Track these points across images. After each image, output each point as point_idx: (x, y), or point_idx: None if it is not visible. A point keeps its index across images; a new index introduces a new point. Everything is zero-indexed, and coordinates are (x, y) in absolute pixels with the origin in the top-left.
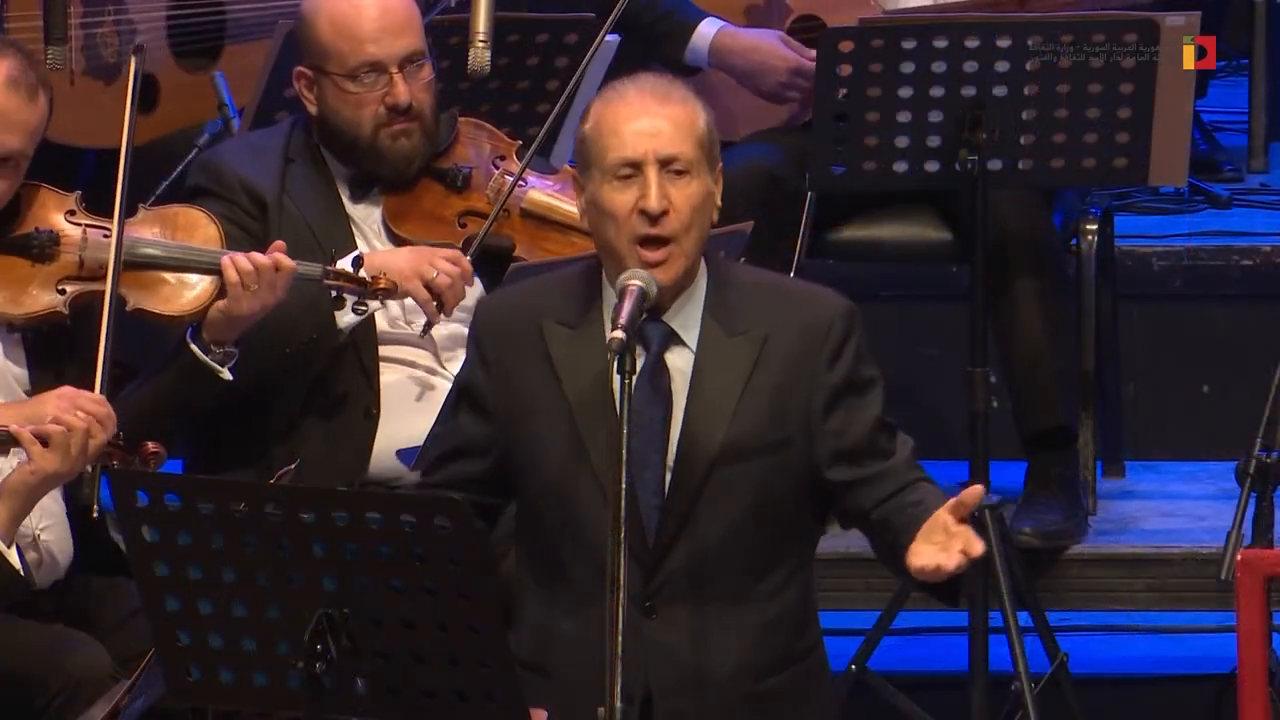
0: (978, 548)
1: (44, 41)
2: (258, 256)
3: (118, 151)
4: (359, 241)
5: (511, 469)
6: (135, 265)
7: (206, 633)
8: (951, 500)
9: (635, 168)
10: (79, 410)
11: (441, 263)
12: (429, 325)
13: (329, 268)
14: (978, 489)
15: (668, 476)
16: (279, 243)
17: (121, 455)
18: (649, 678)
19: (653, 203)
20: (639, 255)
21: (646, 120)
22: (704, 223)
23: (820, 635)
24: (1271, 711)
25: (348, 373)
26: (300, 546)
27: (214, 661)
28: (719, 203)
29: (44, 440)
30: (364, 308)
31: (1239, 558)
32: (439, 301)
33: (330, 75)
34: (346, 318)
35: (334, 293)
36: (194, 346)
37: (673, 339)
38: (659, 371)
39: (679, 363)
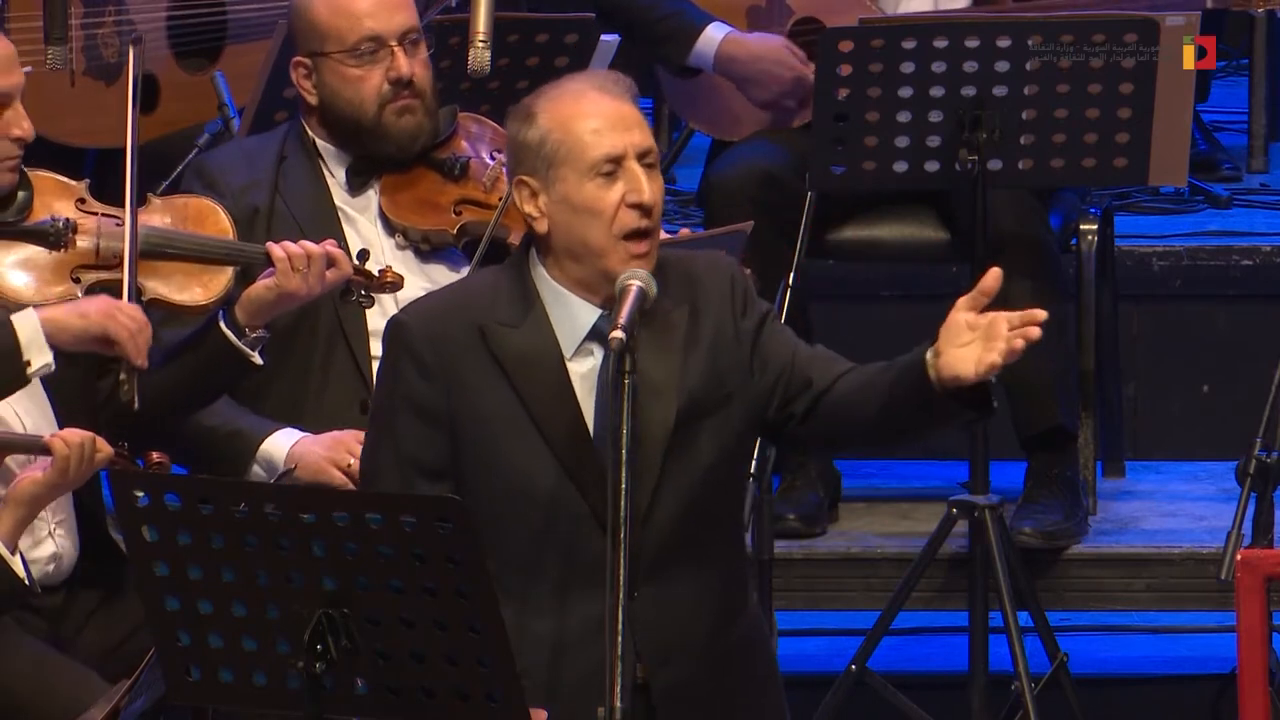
0: (1030, 333)
1: (44, 41)
2: (309, 245)
3: (118, 151)
4: (350, 235)
5: (467, 476)
6: (152, 254)
7: (206, 633)
8: (968, 295)
9: (616, 163)
10: (123, 314)
11: (359, 447)
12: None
13: None
14: (996, 272)
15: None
16: (330, 241)
17: (126, 464)
18: (640, 657)
19: (647, 195)
20: (626, 249)
21: (615, 115)
22: None
23: (749, 584)
24: (1271, 711)
25: (341, 368)
26: (300, 546)
27: (214, 661)
28: None
29: (47, 453)
30: (368, 300)
31: (1239, 558)
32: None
33: (330, 56)
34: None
35: (344, 283)
36: (228, 331)
37: None
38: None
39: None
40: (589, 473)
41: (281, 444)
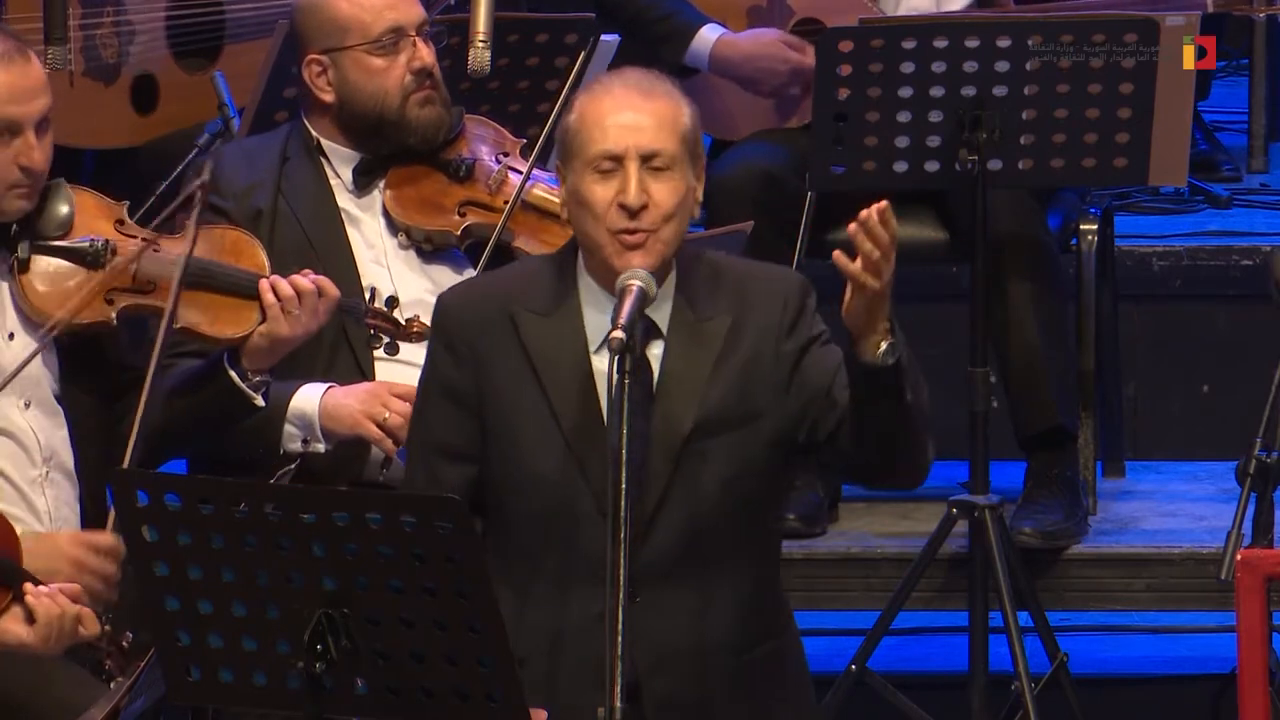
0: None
1: (44, 41)
2: (299, 280)
3: (117, 152)
4: (353, 236)
5: (489, 460)
6: (189, 284)
7: (206, 633)
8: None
9: (616, 161)
10: (89, 566)
11: (395, 402)
12: (388, 461)
13: (369, 305)
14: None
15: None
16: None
17: (118, 660)
18: (635, 662)
19: (631, 198)
20: (618, 242)
21: (630, 115)
22: (683, 218)
23: (791, 615)
24: (1271, 711)
25: (344, 373)
26: (300, 546)
27: (214, 661)
28: (699, 199)
29: (33, 616)
30: (393, 348)
31: (1239, 558)
32: (394, 439)
33: (351, 50)
34: (293, 445)
35: (371, 330)
36: (233, 373)
37: (653, 332)
38: (643, 367)
39: (654, 352)
40: (599, 469)
41: (311, 397)
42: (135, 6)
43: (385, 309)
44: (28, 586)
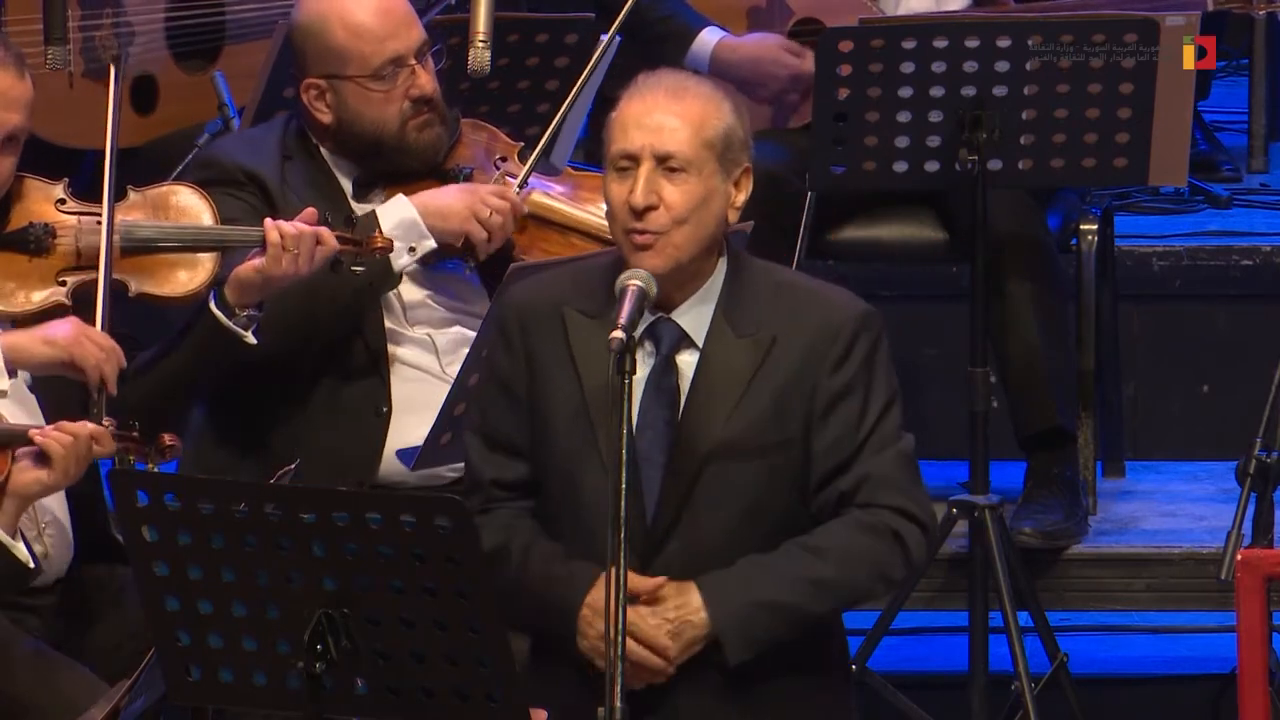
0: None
1: (44, 41)
2: (299, 224)
3: (118, 153)
4: None
5: (535, 454)
6: (134, 250)
7: (206, 633)
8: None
9: (632, 160)
10: (90, 341)
11: (493, 199)
12: (476, 263)
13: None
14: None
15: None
16: (311, 210)
17: (138, 447)
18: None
19: (637, 198)
20: (630, 242)
21: (655, 116)
22: (703, 222)
23: (842, 645)
24: (1271, 711)
25: (358, 370)
26: (300, 546)
27: (214, 661)
28: (736, 204)
29: (46, 455)
30: (361, 267)
31: (1239, 558)
32: (493, 239)
33: (351, 79)
34: (402, 260)
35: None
36: (218, 313)
37: (684, 341)
38: (666, 371)
39: (687, 361)
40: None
41: (401, 203)
42: (135, 7)
43: (343, 230)
44: (32, 432)
